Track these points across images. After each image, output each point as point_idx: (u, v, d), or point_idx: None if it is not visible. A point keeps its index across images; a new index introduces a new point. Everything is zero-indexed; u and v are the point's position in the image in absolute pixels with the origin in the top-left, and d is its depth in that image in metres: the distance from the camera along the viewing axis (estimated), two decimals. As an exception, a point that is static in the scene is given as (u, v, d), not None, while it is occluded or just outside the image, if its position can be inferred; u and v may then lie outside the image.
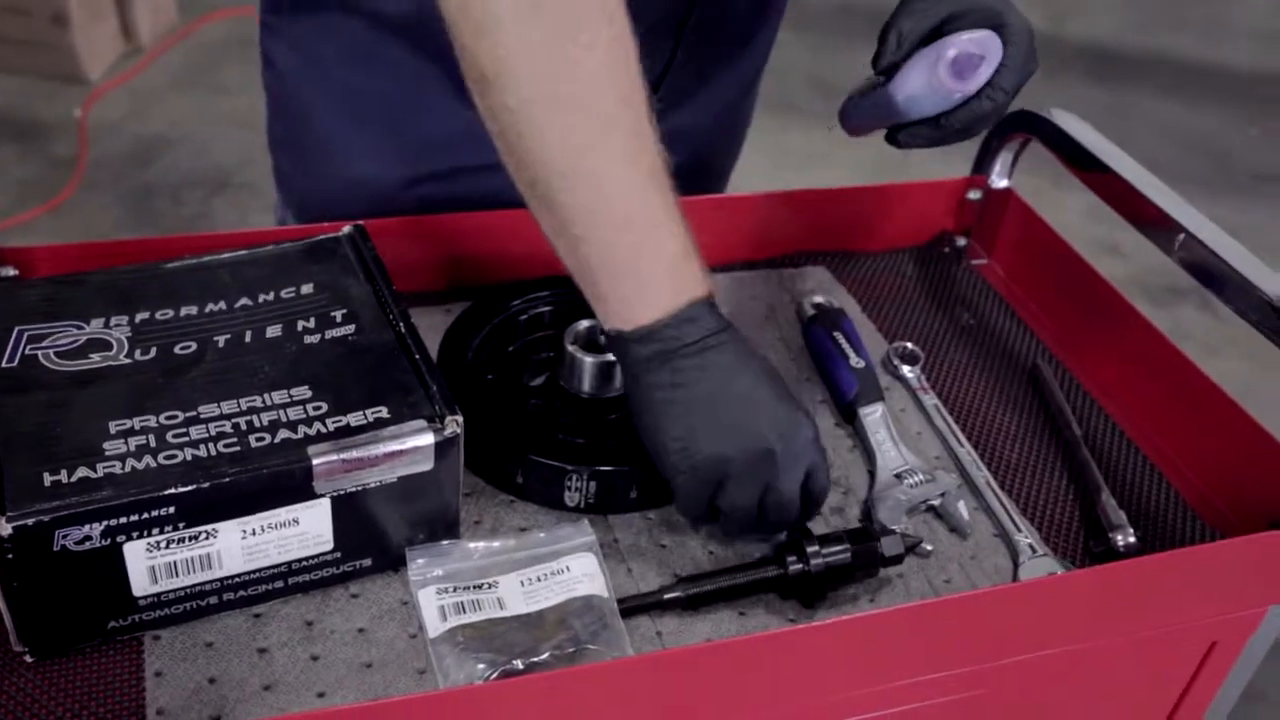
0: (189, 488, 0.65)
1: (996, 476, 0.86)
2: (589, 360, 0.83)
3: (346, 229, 0.85)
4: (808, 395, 0.91)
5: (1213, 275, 0.82)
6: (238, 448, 0.67)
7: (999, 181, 1.04)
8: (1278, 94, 3.61)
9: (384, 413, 0.71)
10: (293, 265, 0.82)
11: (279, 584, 0.70)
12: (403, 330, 0.76)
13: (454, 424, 0.70)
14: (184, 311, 0.77)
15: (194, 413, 0.69)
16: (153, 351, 0.74)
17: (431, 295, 0.97)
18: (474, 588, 0.72)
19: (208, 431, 0.68)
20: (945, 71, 0.79)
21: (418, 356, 0.74)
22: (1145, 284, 2.36)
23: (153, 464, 0.66)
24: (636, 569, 0.76)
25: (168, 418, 0.69)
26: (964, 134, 0.83)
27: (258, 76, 1.03)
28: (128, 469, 0.65)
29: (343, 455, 0.68)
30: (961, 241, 1.08)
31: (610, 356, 0.82)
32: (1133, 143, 0.94)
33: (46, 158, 2.65)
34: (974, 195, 1.06)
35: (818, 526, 0.79)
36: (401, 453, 0.69)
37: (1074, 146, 0.95)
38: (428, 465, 0.70)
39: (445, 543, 0.74)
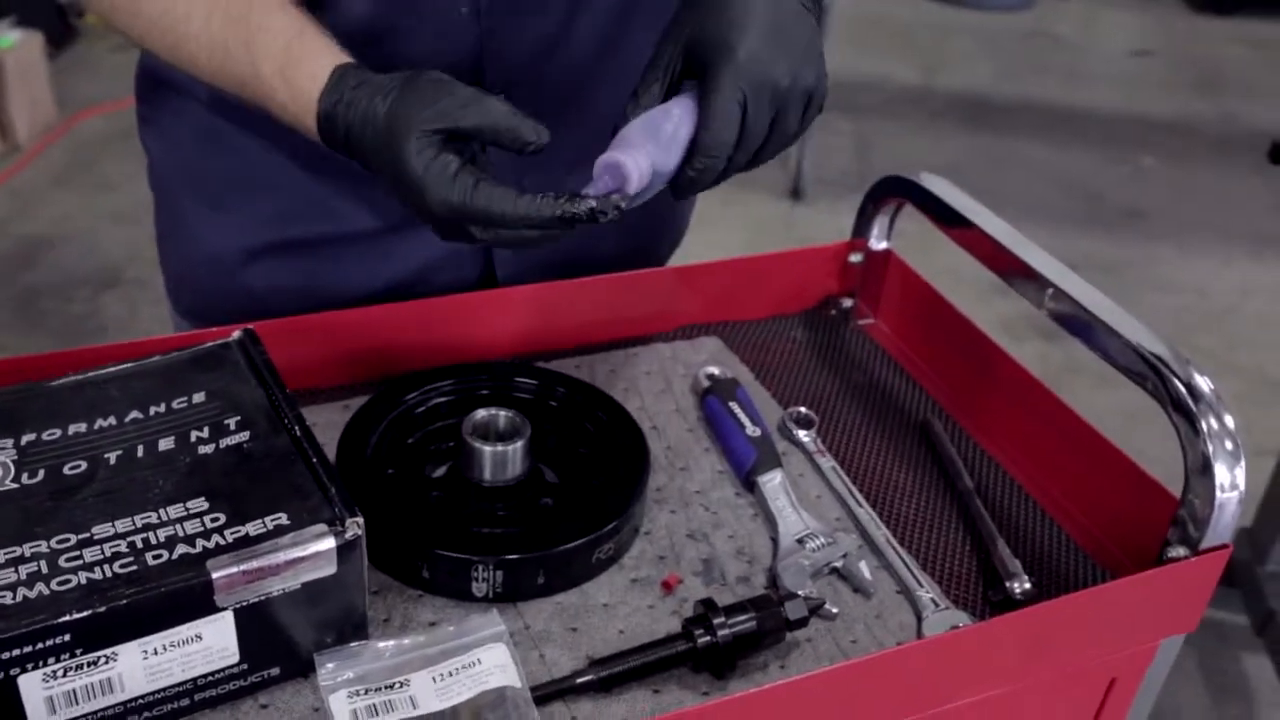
0: (84, 613, 0.63)
1: (895, 533, 0.88)
2: (486, 449, 0.83)
3: (236, 334, 0.85)
4: (708, 466, 0.93)
5: (1081, 326, 0.85)
6: (134, 567, 0.66)
7: (878, 244, 1.08)
8: (1141, 133, 3.79)
9: (283, 519, 0.70)
10: (182, 375, 0.81)
11: (185, 702, 0.69)
12: (298, 434, 0.76)
13: (355, 526, 0.70)
14: (72, 430, 0.76)
15: (87, 534, 0.68)
16: (40, 474, 0.72)
17: (328, 392, 0.97)
18: (386, 688, 0.71)
19: (102, 553, 0.67)
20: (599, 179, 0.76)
21: (314, 460, 0.74)
22: (1037, 321, 2.43)
23: (45, 591, 0.64)
24: (549, 654, 0.76)
25: (59, 541, 0.68)
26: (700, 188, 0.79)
27: (139, 170, 1.05)
28: (19, 598, 0.64)
29: (243, 567, 0.67)
30: (848, 303, 1.11)
31: (508, 445, 0.83)
32: (1009, 185, 0.99)
33: (-77, 266, 2.57)
34: (855, 258, 1.09)
35: (724, 597, 0.80)
36: (303, 559, 0.69)
37: (942, 207, 0.99)
38: (331, 569, 0.70)
39: (354, 644, 0.73)
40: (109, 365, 0.82)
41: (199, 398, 0.79)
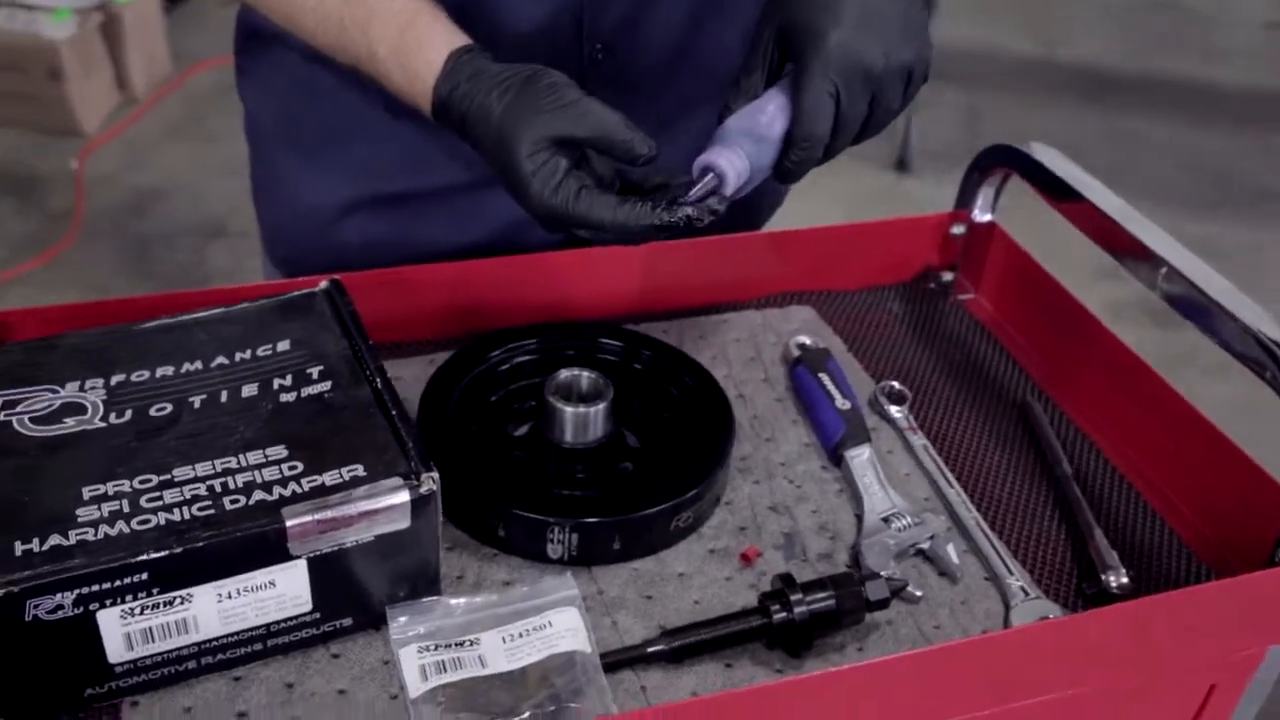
0: (161, 553, 0.64)
1: (986, 517, 0.85)
2: (568, 410, 0.82)
3: (323, 284, 0.85)
4: (794, 438, 0.90)
5: (1196, 309, 0.81)
6: (212, 511, 0.67)
7: (982, 216, 1.03)
8: (1275, 110, 3.62)
9: (360, 471, 0.70)
10: (269, 322, 0.82)
11: (258, 646, 0.70)
12: (379, 386, 0.76)
13: (430, 481, 0.70)
14: (160, 373, 0.77)
15: (168, 476, 0.69)
16: (128, 414, 0.73)
17: (415, 346, 0.96)
18: (456, 645, 0.71)
19: (182, 495, 0.68)
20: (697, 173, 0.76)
21: (394, 412, 0.74)
22: (1148, 306, 2.34)
23: (125, 530, 0.65)
24: (621, 622, 0.75)
25: (141, 482, 0.68)
26: (795, 177, 0.78)
27: (241, 123, 1.05)
28: (100, 536, 0.64)
29: (317, 516, 0.67)
30: (948, 276, 1.07)
31: (590, 407, 0.82)
32: (1132, 165, 0.94)
33: (43, 211, 2.66)
34: (958, 230, 1.05)
35: (804, 573, 0.78)
36: (377, 511, 0.68)
37: (1051, 179, 0.95)
38: (405, 523, 0.70)
39: (426, 600, 0.73)
40: (199, 310, 0.82)
41: (284, 346, 0.80)
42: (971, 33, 3.76)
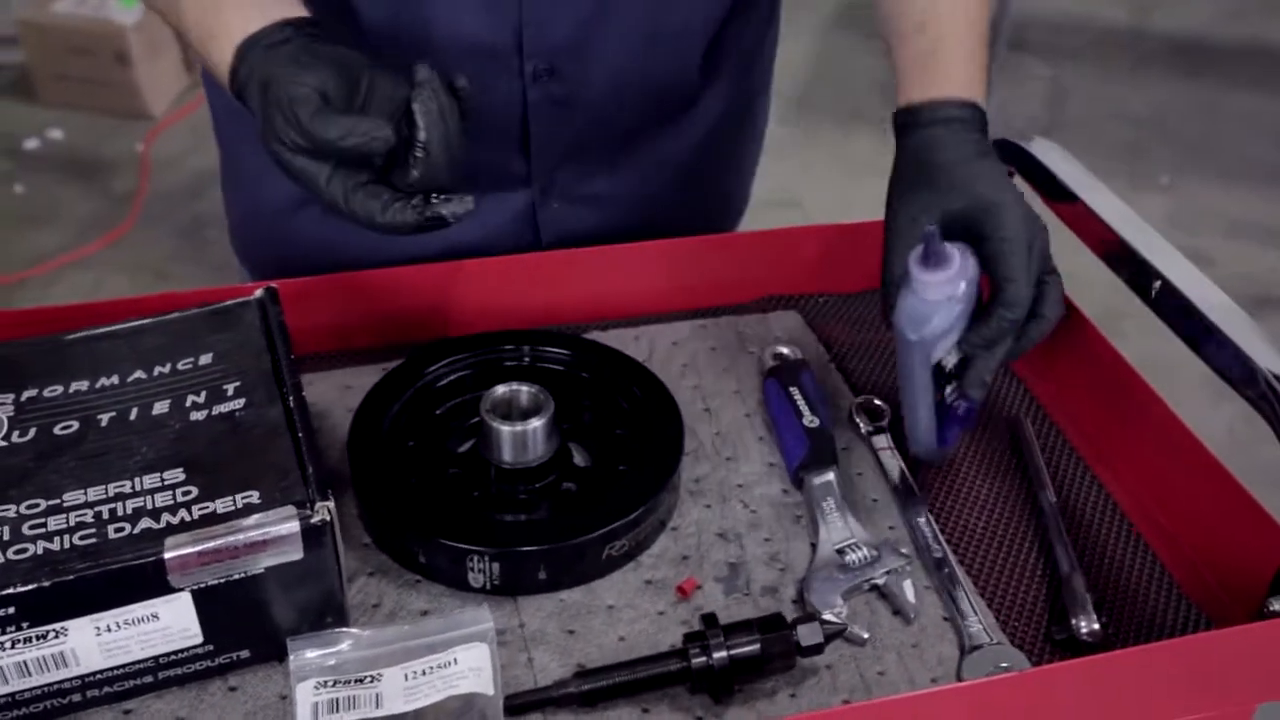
0: (29, 587, 0.61)
1: (958, 550, 0.78)
2: (505, 429, 0.78)
3: (258, 292, 0.82)
4: (758, 458, 0.84)
5: (1189, 326, 0.73)
6: (93, 540, 0.64)
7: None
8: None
9: (254, 498, 0.66)
10: (196, 333, 0.79)
11: (148, 679, 0.67)
12: (291, 405, 0.72)
13: (324, 511, 0.66)
14: (74, 388, 0.74)
15: (57, 500, 0.66)
16: (31, 432, 0.71)
17: (375, 353, 0.93)
18: (355, 682, 0.67)
19: (66, 522, 0.65)
20: (915, 266, 0.75)
21: (300, 434, 0.70)
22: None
23: (0, 559, 0.63)
24: (538, 659, 0.70)
25: (29, 507, 0.66)
26: (996, 355, 0.77)
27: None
28: (-27, 565, 0.62)
29: (199, 548, 0.64)
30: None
31: (528, 424, 0.77)
32: (1222, 139, 0.84)
33: (108, 194, 2.70)
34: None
35: (744, 609, 0.73)
36: (265, 543, 0.65)
37: (1049, 179, 0.87)
38: (297, 554, 0.66)
39: (330, 632, 0.69)
40: (130, 320, 0.80)
41: (205, 359, 0.76)
42: (1057, 2, 3.59)
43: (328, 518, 0.66)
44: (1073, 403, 0.89)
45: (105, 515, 0.65)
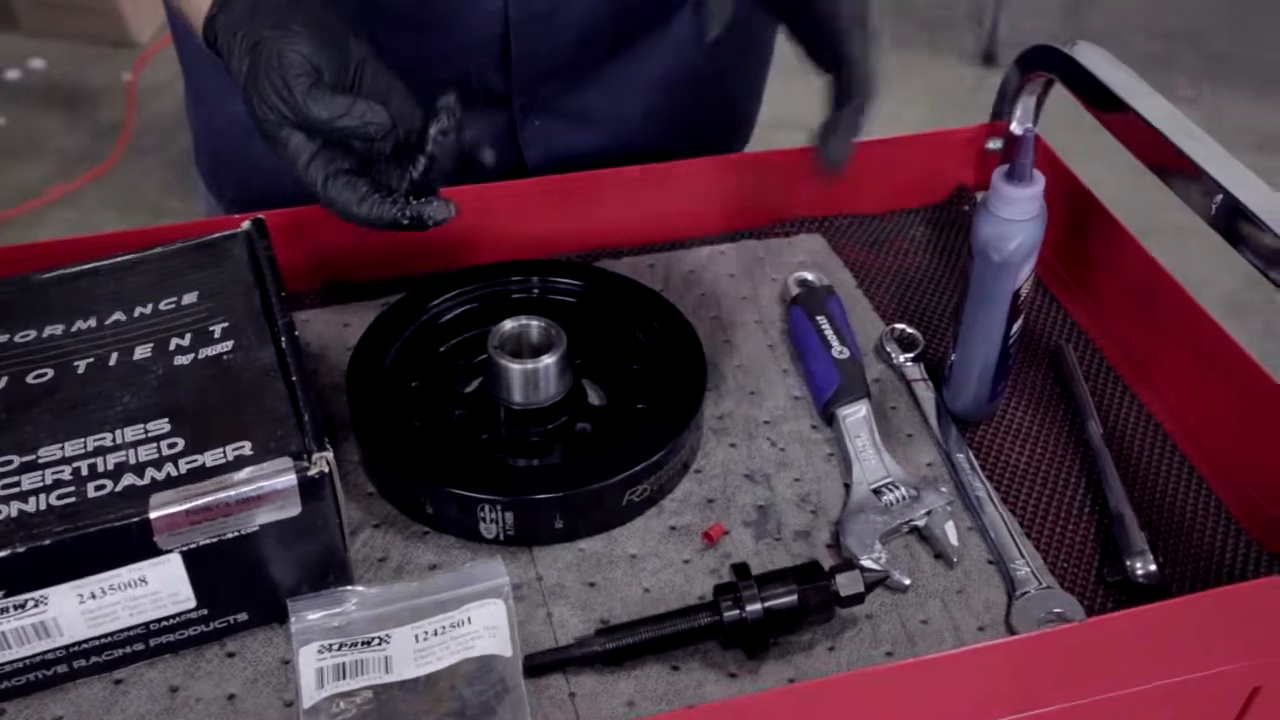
0: (3, 554, 0.56)
1: (1000, 488, 0.73)
2: (514, 367, 0.72)
3: (245, 224, 0.76)
4: (783, 392, 0.79)
5: (1258, 249, 0.67)
6: (73, 499, 0.59)
7: (1021, 127, 0.89)
8: None
9: (246, 449, 0.61)
10: (178, 270, 0.73)
11: (139, 646, 0.62)
12: (284, 346, 0.67)
13: (322, 462, 0.61)
14: (48, 332, 0.69)
15: (31, 456, 0.61)
16: (2, 381, 0.65)
17: (368, 288, 0.87)
18: (363, 645, 0.62)
19: (42, 479, 0.60)
20: (1000, 180, 0.70)
21: (294, 378, 0.65)
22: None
23: (-28, 523, 0.58)
24: (558, 614, 0.66)
25: (1, 464, 0.61)
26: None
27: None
28: (-57, 529, 0.57)
29: (187, 505, 0.59)
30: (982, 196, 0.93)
31: (539, 361, 0.72)
32: (1262, 52, 0.77)
33: (94, 125, 2.62)
34: (994, 144, 0.91)
35: (776, 556, 0.68)
36: (259, 498, 0.60)
37: (1095, 85, 0.80)
38: (294, 510, 0.61)
39: (333, 591, 0.65)
40: (108, 257, 0.74)
41: (190, 298, 0.71)
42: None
43: (326, 469, 0.61)
44: (1112, 321, 0.83)
45: (84, 471, 0.60)
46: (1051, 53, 0.84)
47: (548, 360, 0.72)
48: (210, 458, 0.61)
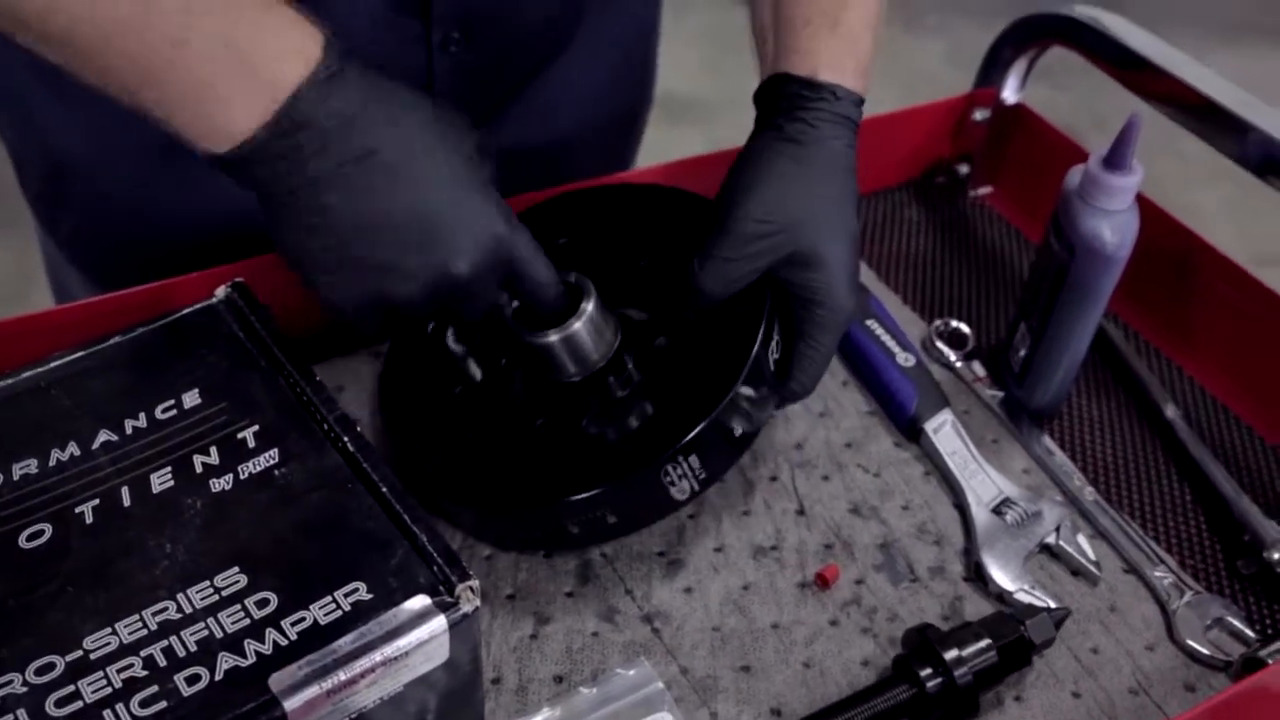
0: (107, 802, 0.41)
1: (1097, 486, 0.70)
2: (552, 338, 0.59)
3: (222, 291, 0.60)
4: (851, 408, 0.72)
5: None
6: (163, 702, 0.44)
7: (1012, 96, 0.85)
8: None
9: (362, 592, 0.48)
10: (158, 363, 0.57)
11: None
12: (348, 445, 0.53)
13: (468, 593, 0.49)
14: (19, 473, 0.52)
15: (78, 653, 0.45)
16: (-16, 551, 0.49)
17: (335, 343, 0.73)
18: (523, 799, 0.52)
19: (108, 682, 0.45)
20: (1100, 169, 0.64)
21: (384, 489, 0.52)
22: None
23: (34, 763, 0.42)
24: (723, 712, 0.57)
25: (39, 671, 0.45)
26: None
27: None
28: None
29: (325, 683, 0.45)
30: (963, 170, 0.89)
31: (568, 327, 0.59)
32: None
33: None
34: (980, 115, 0.87)
35: (919, 598, 0.62)
36: (403, 655, 0.47)
37: (1112, 46, 0.77)
38: (442, 657, 0.49)
39: (469, 739, 0.53)
40: (50, 360, 0.57)
41: (191, 399, 0.56)
42: None
43: (476, 600, 0.49)
44: (1141, 290, 0.81)
45: (161, 660, 0.46)
46: (1053, 19, 0.80)
47: (586, 309, 0.59)
48: (321, 612, 0.48)
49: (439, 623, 0.48)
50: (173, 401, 0.55)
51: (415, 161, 0.52)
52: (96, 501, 0.51)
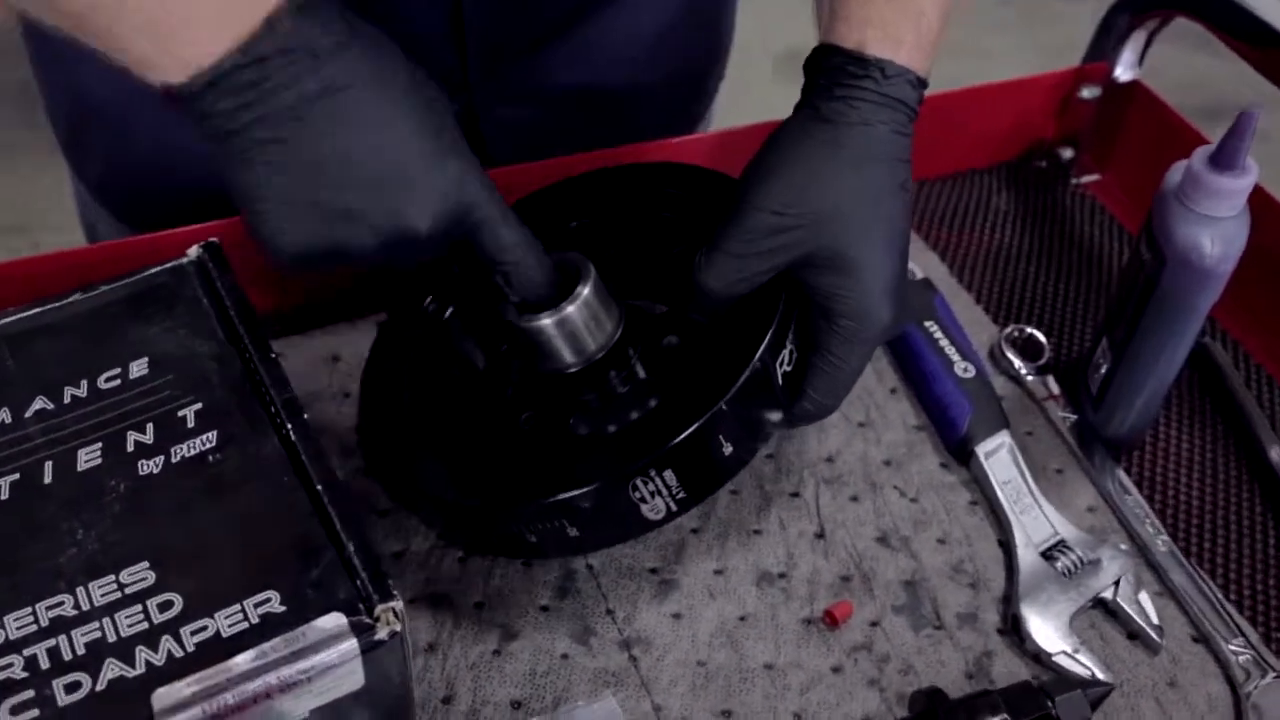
0: (-59, 822, 0.38)
1: (1174, 535, 0.60)
2: (545, 322, 0.52)
3: (193, 251, 0.56)
4: (897, 419, 0.64)
5: None
6: (35, 711, 0.40)
7: (1126, 73, 0.75)
8: None
9: (274, 603, 0.43)
10: (110, 328, 0.53)
11: None
12: (290, 433, 0.48)
13: (389, 615, 0.43)
14: (-60, 437, 0.48)
15: (-43, 646, 0.42)
16: (-116, 521, 0.45)
17: (344, 300, 0.68)
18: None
19: (-20, 684, 0.41)
20: (1207, 169, 0.54)
21: (318, 484, 0.47)
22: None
23: (-119, 768, 0.39)
24: (691, 763, 0.50)
25: (-90, 663, 0.41)
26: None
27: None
28: None
29: (208, 706, 0.41)
30: (1067, 154, 0.79)
31: (561, 310, 0.52)
32: None
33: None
34: (1088, 93, 0.76)
35: (942, 651, 0.54)
36: (305, 680, 0.42)
37: (1245, 18, 0.66)
38: (356, 685, 0.44)
39: (398, 768, 0.48)
40: (3, 315, 0.53)
41: (139, 369, 0.51)
42: None
43: (397, 626, 0.43)
44: (1253, 301, 0.70)
45: (44, 663, 0.42)
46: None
47: (582, 292, 0.52)
48: (225, 621, 0.43)
49: (350, 646, 0.42)
50: (118, 370, 0.51)
51: (387, 105, 0.47)
52: (16, 476, 0.47)
